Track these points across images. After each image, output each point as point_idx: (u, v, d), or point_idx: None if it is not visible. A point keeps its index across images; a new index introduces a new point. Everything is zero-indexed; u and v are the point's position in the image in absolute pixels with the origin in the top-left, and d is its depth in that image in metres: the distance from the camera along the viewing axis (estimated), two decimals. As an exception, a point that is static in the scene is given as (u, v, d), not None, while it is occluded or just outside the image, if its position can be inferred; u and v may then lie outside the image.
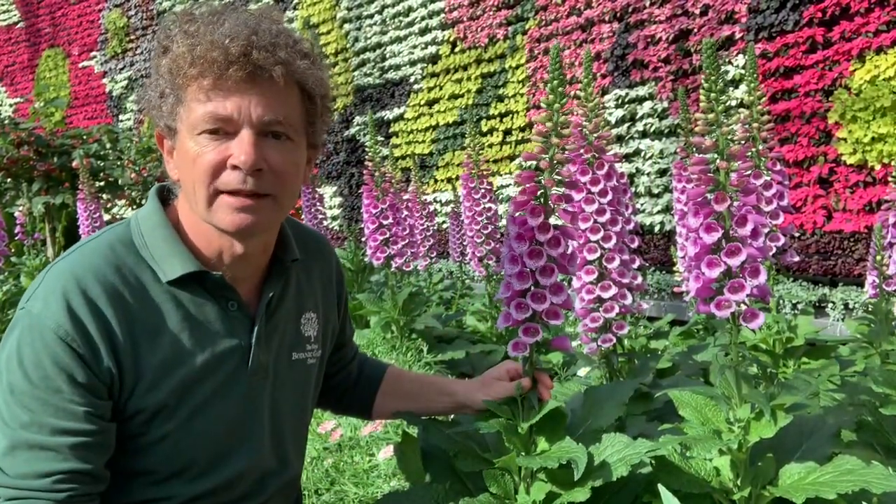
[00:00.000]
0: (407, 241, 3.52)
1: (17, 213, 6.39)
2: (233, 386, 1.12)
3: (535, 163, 1.22)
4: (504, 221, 6.23)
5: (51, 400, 0.99)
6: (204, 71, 1.00)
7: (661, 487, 0.98)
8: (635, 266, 2.00)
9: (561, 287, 1.19)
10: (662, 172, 5.47)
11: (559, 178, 1.20)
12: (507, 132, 6.86)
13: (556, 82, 1.19)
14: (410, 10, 7.94)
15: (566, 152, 1.20)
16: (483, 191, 3.30)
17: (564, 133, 1.20)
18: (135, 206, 7.99)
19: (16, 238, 6.37)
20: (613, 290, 1.79)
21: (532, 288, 1.19)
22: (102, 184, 7.71)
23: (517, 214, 1.19)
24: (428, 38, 7.71)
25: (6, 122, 7.75)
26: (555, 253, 1.18)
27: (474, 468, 1.29)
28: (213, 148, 1.02)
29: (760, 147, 2.06)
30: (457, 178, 7.08)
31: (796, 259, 2.09)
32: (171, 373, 1.06)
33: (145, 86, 1.09)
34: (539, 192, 1.20)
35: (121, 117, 12.62)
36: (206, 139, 1.02)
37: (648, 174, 5.55)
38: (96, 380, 1.01)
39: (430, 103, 7.70)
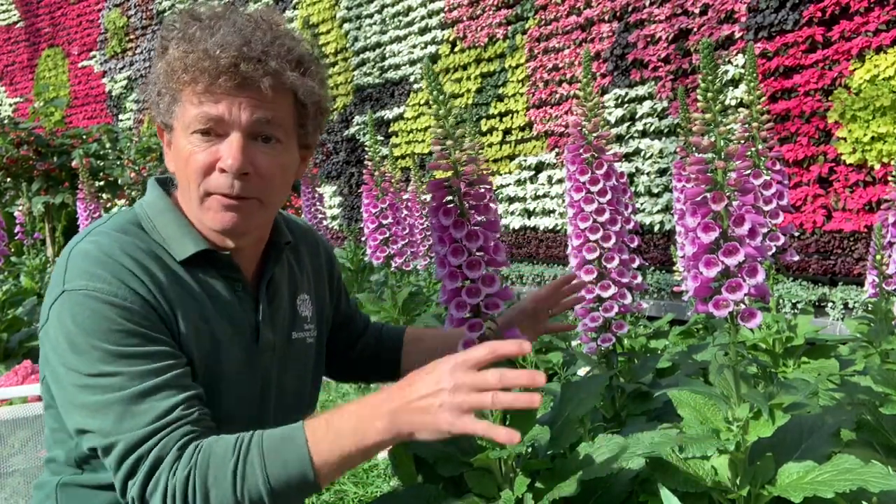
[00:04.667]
0: (407, 240, 3.53)
1: (16, 213, 6.39)
2: (249, 362, 1.16)
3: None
4: (504, 221, 6.15)
5: (136, 351, 1.01)
6: (196, 78, 1.04)
7: (661, 487, 0.98)
8: (635, 265, 2.00)
9: (493, 278, 1.22)
10: (662, 172, 5.47)
11: (467, 178, 1.23)
12: (507, 131, 6.86)
13: (440, 97, 1.26)
14: (410, 9, 7.94)
15: (466, 153, 1.23)
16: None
17: (457, 134, 1.24)
18: (135, 206, 7.97)
19: (16, 238, 6.37)
20: (613, 290, 1.80)
21: (464, 284, 1.22)
22: (102, 183, 7.73)
23: (434, 221, 1.22)
24: (427, 37, 7.71)
25: (6, 121, 7.75)
26: (474, 247, 1.20)
27: (454, 472, 1.31)
28: (204, 149, 1.07)
29: (760, 146, 2.06)
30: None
31: (796, 258, 2.09)
32: (200, 339, 1.09)
33: (147, 81, 1.13)
34: (449, 195, 1.22)
35: (120, 117, 12.62)
36: (198, 139, 1.07)
37: (648, 174, 5.55)
38: (162, 324, 1.05)
39: (430, 103, 7.70)
